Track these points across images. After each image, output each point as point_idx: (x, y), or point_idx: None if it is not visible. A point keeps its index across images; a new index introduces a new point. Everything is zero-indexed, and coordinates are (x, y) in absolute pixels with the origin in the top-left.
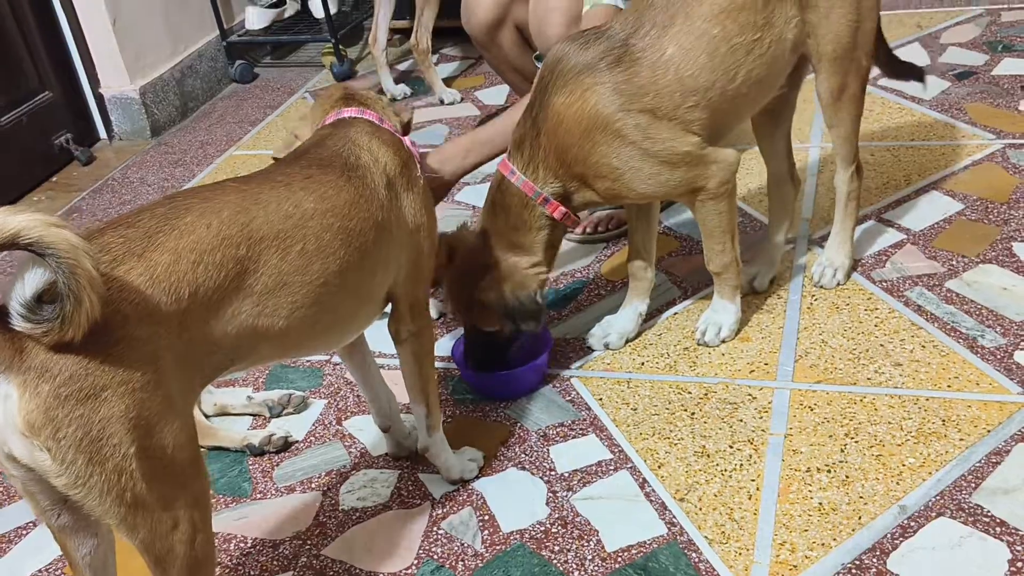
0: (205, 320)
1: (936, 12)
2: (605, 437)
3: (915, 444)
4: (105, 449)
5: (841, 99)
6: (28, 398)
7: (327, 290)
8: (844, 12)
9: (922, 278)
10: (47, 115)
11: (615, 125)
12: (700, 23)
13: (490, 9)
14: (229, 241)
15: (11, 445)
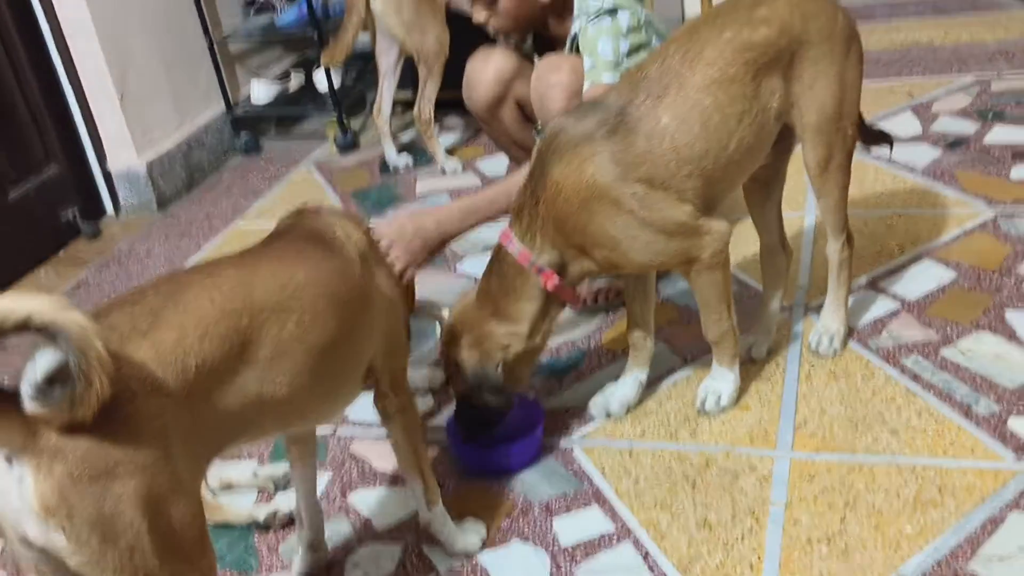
0: (211, 392)
1: (927, 81)
2: (607, 508)
3: (912, 512)
4: (118, 527)
5: (828, 169)
6: (42, 479)
7: (323, 357)
8: (828, 84)
9: (917, 346)
10: (54, 189)
11: (613, 194)
12: (693, 93)
13: (491, 87)
14: (232, 313)
15: (26, 527)
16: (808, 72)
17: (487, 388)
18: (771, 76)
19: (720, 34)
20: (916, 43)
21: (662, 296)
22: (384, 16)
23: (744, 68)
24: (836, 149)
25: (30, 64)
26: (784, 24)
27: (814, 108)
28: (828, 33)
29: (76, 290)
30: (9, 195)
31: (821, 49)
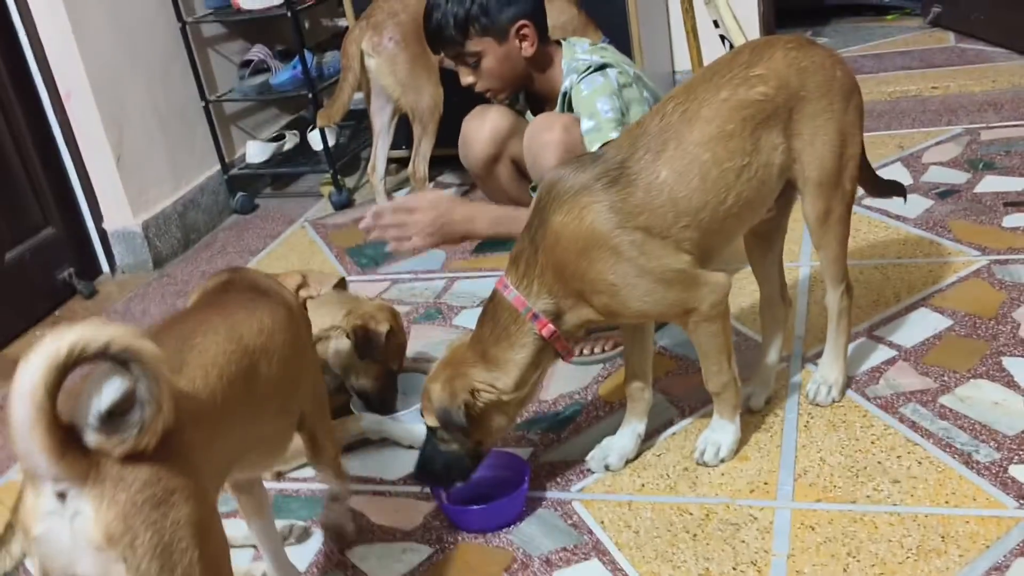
0: (223, 428)
1: (916, 132)
2: (608, 561)
3: (916, 562)
4: (175, 554)
5: (827, 222)
6: (106, 509)
7: (290, 396)
8: (828, 139)
9: (915, 394)
10: (50, 250)
11: (612, 242)
12: (692, 148)
13: (487, 145)
14: (235, 355)
15: (80, 565)
16: (807, 128)
17: (450, 428)
18: (771, 131)
19: (717, 93)
20: (905, 95)
21: (660, 346)
22: (379, 75)
23: (742, 124)
24: (835, 203)
25: (27, 125)
26: (781, 81)
27: (815, 164)
28: (827, 88)
29: None
30: (6, 256)
31: (820, 104)
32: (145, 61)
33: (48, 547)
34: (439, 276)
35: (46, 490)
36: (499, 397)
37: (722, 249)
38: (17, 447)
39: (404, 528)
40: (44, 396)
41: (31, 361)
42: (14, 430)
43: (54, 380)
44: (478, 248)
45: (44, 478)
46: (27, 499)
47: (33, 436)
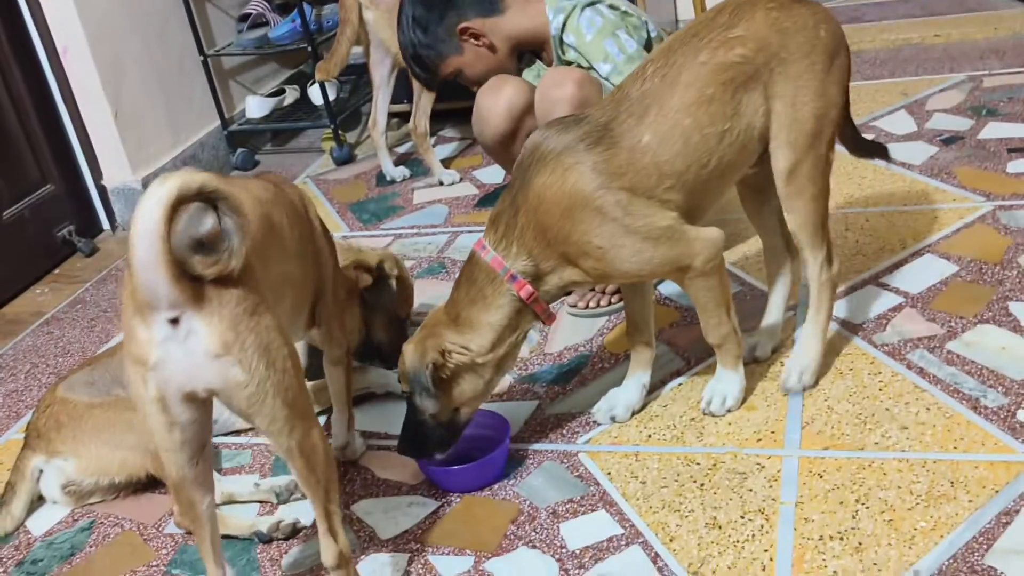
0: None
1: (920, 80)
2: (615, 512)
3: (925, 508)
4: (273, 352)
5: (795, 180)
6: (217, 322)
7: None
8: (809, 99)
9: (922, 340)
10: (49, 208)
11: (596, 202)
12: (672, 113)
13: (503, 122)
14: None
15: (198, 377)
16: (789, 89)
17: (418, 389)
18: (751, 93)
19: (695, 56)
20: (907, 42)
21: (664, 297)
22: (378, 28)
23: (722, 88)
24: (807, 163)
25: (24, 83)
26: (761, 42)
27: (793, 124)
28: (809, 49)
29: (74, 307)
30: (4, 214)
31: (801, 65)
32: (142, 15)
33: (166, 370)
34: (442, 231)
35: (158, 320)
36: (472, 359)
37: (709, 207)
38: (140, 278)
39: (409, 482)
40: (164, 230)
41: (148, 203)
42: (138, 266)
43: (168, 217)
44: (480, 202)
45: (158, 308)
46: (139, 335)
47: (157, 267)
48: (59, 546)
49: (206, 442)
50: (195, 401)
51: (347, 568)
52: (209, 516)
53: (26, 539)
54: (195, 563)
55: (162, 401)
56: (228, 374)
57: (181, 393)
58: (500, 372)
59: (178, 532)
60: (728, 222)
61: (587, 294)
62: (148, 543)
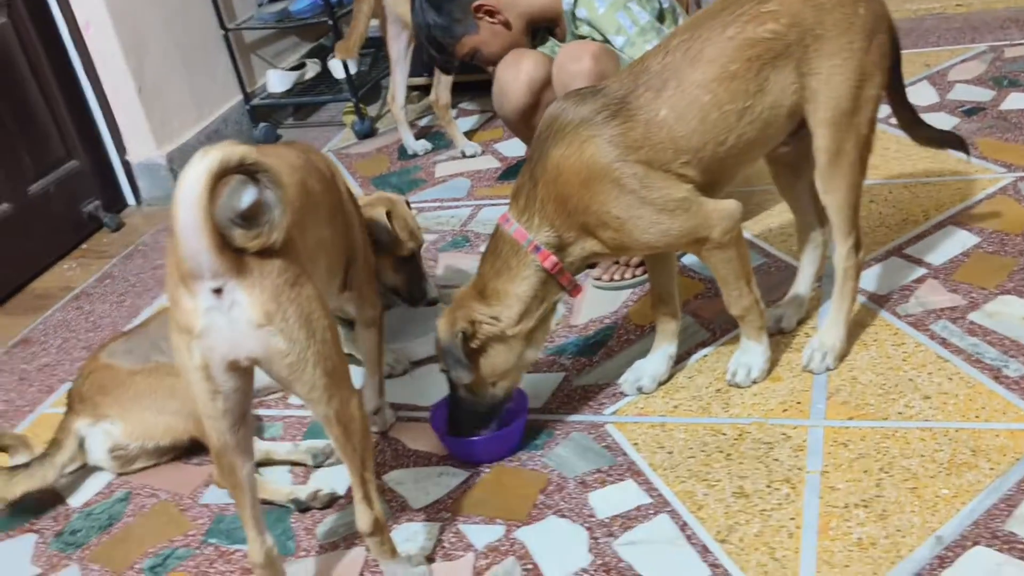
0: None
1: (942, 51)
2: (643, 481)
3: (948, 475)
4: (313, 322)
5: (838, 163)
6: (259, 292)
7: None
8: (845, 78)
9: (945, 311)
10: (75, 184)
11: (613, 174)
12: (692, 89)
13: (523, 96)
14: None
15: (241, 346)
16: (824, 66)
17: (449, 360)
18: (781, 71)
19: (723, 31)
20: (929, 12)
21: (688, 269)
22: (395, 3)
23: (747, 64)
24: (848, 143)
25: (48, 60)
26: (794, 17)
27: (830, 103)
28: (846, 26)
29: (102, 282)
30: (30, 190)
31: (839, 42)
32: None
33: (210, 339)
34: (465, 204)
35: (203, 290)
36: (501, 330)
37: (728, 182)
38: (184, 248)
39: (439, 453)
40: (207, 201)
41: (190, 174)
42: (182, 235)
43: (210, 189)
44: (503, 175)
45: (203, 277)
46: (184, 304)
47: (200, 235)
48: (97, 516)
49: (247, 410)
50: (237, 370)
51: (382, 535)
52: (249, 482)
53: (64, 510)
54: (232, 532)
55: (206, 369)
56: (270, 343)
57: (225, 362)
58: (531, 345)
59: (214, 502)
60: (754, 194)
61: (611, 267)
62: (184, 513)
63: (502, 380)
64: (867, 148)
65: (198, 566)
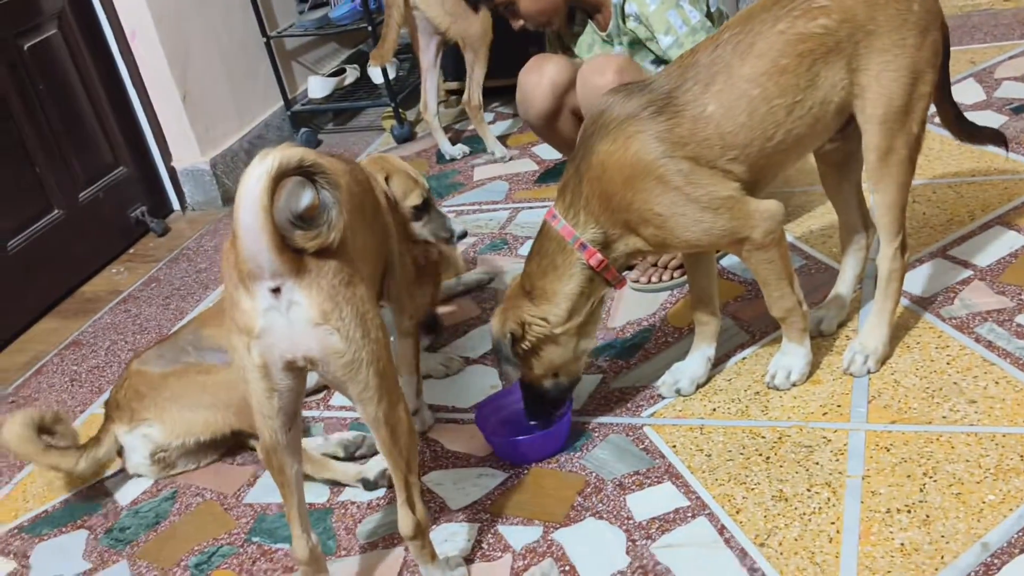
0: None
1: (988, 48)
2: (681, 484)
3: (994, 481)
4: (368, 322)
5: (888, 162)
6: (316, 292)
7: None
8: (897, 75)
9: (991, 313)
10: (122, 189)
11: (658, 171)
12: (741, 84)
13: (546, 100)
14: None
15: (299, 345)
16: (875, 63)
17: (501, 358)
18: (831, 67)
19: (774, 25)
20: (976, 8)
21: (728, 272)
22: (425, 7)
23: (798, 60)
24: (899, 142)
25: (96, 70)
26: (847, 13)
27: (881, 100)
28: (900, 22)
29: (148, 285)
30: (80, 196)
31: (891, 39)
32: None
33: (270, 337)
34: (503, 207)
35: (262, 291)
36: (550, 331)
37: (772, 179)
38: (245, 249)
39: (478, 454)
40: (267, 202)
41: (251, 176)
42: (242, 235)
43: (271, 189)
44: (541, 178)
45: (262, 278)
46: (244, 305)
47: (260, 236)
48: (144, 515)
49: (298, 410)
50: (294, 370)
51: (423, 538)
52: (297, 482)
53: (113, 508)
54: (274, 531)
55: (264, 368)
56: (327, 342)
57: (283, 361)
58: (585, 337)
59: (257, 502)
60: (794, 195)
61: (649, 269)
62: (228, 512)
63: (564, 372)
64: (917, 147)
65: (241, 564)
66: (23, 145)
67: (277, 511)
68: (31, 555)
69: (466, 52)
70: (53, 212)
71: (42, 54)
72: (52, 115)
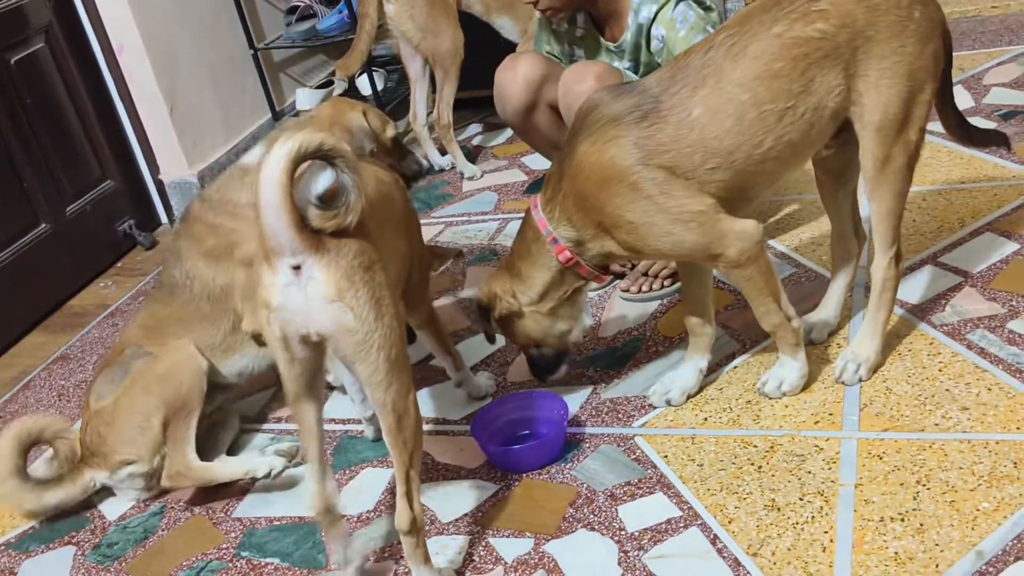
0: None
1: (977, 54)
2: (672, 494)
3: (988, 488)
4: (382, 306)
5: (885, 171)
6: (333, 270)
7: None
8: (895, 83)
9: (983, 320)
10: (110, 203)
11: (631, 178)
12: (731, 88)
13: (522, 95)
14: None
15: (314, 319)
16: (873, 69)
17: (480, 322)
18: (828, 72)
19: (770, 28)
20: (964, 15)
21: (716, 280)
22: (398, 21)
23: (792, 63)
24: (897, 151)
25: (83, 84)
26: (846, 18)
27: (878, 108)
28: (900, 29)
29: (136, 299)
30: (68, 210)
31: (890, 46)
32: (194, 11)
33: (287, 312)
34: (492, 218)
35: (283, 267)
36: (519, 308)
37: (762, 191)
38: (266, 226)
39: (469, 466)
40: (287, 182)
41: (273, 157)
42: (264, 213)
43: (292, 170)
44: (530, 188)
45: (283, 254)
46: (266, 280)
47: (281, 214)
48: (133, 530)
49: (319, 371)
50: (309, 343)
51: (417, 536)
52: (318, 430)
53: (101, 523)
54: (263, 545)
55: (284, 340)
56: (341, 319)
57: (298, 335)
58: (561, 320)
59: (246, 516)
60: (784, 203)
61: (640, 278)
62: (217, 527)
63: (546, 344)
64: (915, 156)
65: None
66: (10, 159)
67: (266, 525)
68: (18, 572)
69: (436, 70)
70: (40, 226)
71: (29, 68)
72: (39, 129)
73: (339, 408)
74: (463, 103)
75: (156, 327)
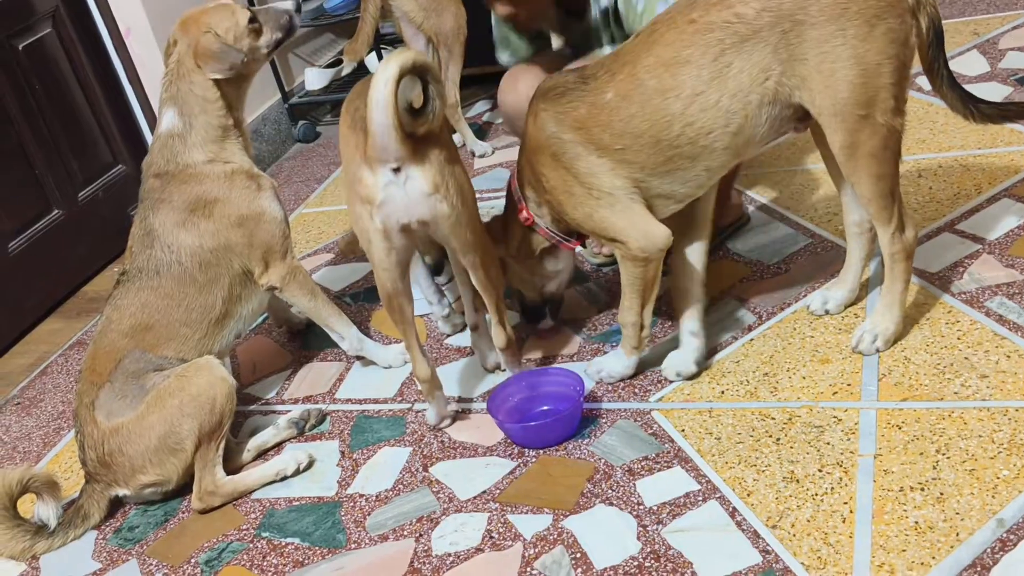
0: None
1: (992, 18)
2: (691, 468)
3: (1008, 456)
4: (465, 193)
5: (854, 157)
6: (428, 169)
7: None
8: (840, 65)
9: (1001, 287)
10: (121, 188)
11: (552, 148)
12: (641, 73)
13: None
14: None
15: (414, 211)
16: (812, 53)
17: None
18: (747, 56)
19: (688, 13)
20: None
21: (733, 253)
22: (400, 2)
23: (703, 49)
24: (864, 136)
25: (92, 69)
26: (768, 1)
27: (826, 92)
28: (837, 13)
29: None
30: (80, 196)
31: (827, 29)
32: None
33: (389, 207)
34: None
35: (384, 170)
36: (503, 254)
37: (692, 186)
38: (378, 140)
39: (485, 444)
40: (394, 102)
41: (380, 79)
42: (377, 129)
43: (395, 90)
44: None
45: (387, 161)
46: (367, 181)
47: (390, 130)
48: (153, 513)
49: (409, 264)
50: (408, 232)
51: (512, 348)
52: (412, 320)
53: (122, 507)
54: (283, 526)
55: (385, 231)
56: (437, 208)
57: (399, 225)
58: (539, 275)
59: (266, 497)
60: (796, 173)
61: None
62: (237, 508)
63: (526, 290)
64: (891, 139)
65: (252, 559)
66: (21, 146)
67: (285, 506)
68: (40, 556)
69: (440, 49)
70: (53, 212)
71: (37, 54)
72: (49, 115)
73: (355, 388)
74: (470, 80)
75: (150, 325)
